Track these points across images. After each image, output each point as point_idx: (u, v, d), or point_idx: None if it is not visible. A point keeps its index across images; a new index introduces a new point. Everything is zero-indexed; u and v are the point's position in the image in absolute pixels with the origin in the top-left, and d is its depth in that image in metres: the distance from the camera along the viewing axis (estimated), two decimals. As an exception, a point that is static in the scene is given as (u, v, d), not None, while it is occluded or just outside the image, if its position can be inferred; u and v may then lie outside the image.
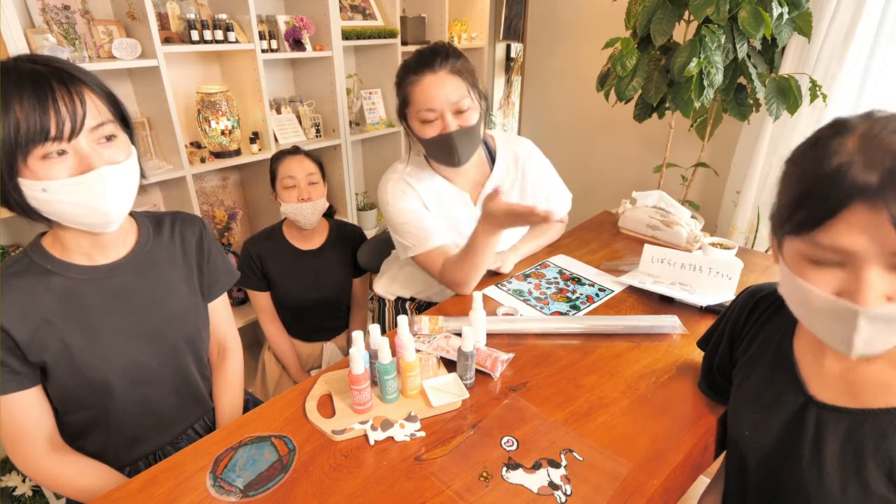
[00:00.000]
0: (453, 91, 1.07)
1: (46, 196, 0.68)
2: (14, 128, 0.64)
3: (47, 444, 0.80)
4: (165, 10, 1.71)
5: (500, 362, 0.90)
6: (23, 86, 0.65)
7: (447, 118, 1.08)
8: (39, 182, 0.67)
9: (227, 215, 2.13)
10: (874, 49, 1.69)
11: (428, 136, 1.10)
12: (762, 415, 0.68)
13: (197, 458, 0.74)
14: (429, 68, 1.07)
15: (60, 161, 0.68)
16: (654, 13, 1.68)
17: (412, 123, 1.13)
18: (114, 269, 0.81)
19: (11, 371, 0.74)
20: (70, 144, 0.67)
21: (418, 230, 1.16)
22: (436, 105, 1.07)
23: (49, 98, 0.65)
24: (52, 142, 0.66)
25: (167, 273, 0.88)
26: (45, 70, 0.67)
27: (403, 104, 1.13)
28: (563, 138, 2.85)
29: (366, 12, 2.36)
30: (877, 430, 0.58)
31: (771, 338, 0.72)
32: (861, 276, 0.50)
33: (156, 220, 0.91)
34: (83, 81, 0.69)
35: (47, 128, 0.65)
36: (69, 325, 0.76)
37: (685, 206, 1.40)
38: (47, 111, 0.65)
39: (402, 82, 1.12)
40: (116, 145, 0.73)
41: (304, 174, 1.46)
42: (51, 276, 0.76)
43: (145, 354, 0.84)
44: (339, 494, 0.69)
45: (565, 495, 0.68)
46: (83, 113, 0.68)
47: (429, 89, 1.07)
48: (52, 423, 0.81)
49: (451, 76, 1.08)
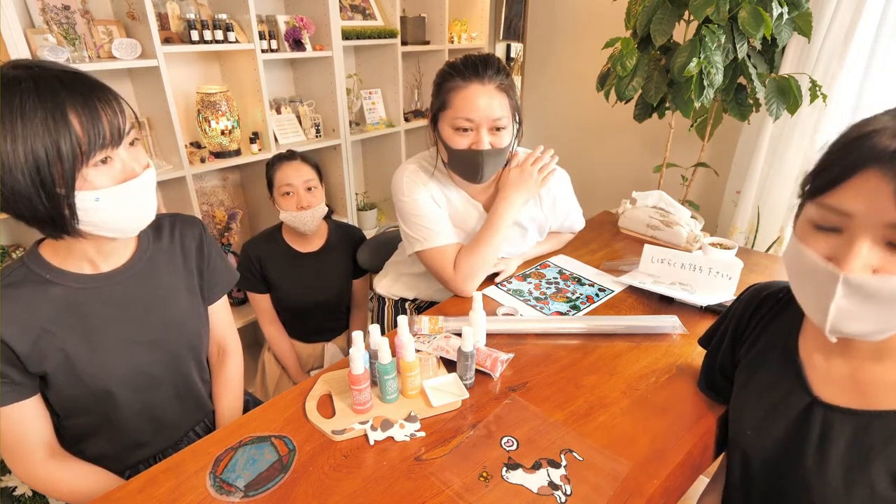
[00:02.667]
0: (497, 107, 1.04)
1: (98, 205, 0.67)
2: (75, 139, 0.63)
3: (45, 452, 0.79)
4: (165, 10, 1.71)
5: (500, 362, 0.90)
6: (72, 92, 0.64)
7: (482, 133, 1.05)
8: (93, 192, 0.67)
9: (227, 215, 2.13)
10: (874, 49, 1.69)
11: (457, 146, 1.07)
12: (766, 415, 0.68)
13: (197, 459, 0.74)
14: (478, 77, 1.03)
15: (108, 169, 0.68)
16: (654, 13, 1.68)
17: (443, 128, 1.09)
18: (113, 277, 0.80)
19: (11, 382, 0.73)
20: (115, 151, 0.68)
21: (429, 224, 1.15)
22: (475, 116, 1.03)
23: (98, 107, 0.65)
24: (108, 148, 0.67)
25: (167, 279, 0.87)
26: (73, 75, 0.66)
27: (440, 107, 1.08)
28: (563, 138, 2.85)
29: (366, 12, 2.36)
30: (885, 431, 0.57)
31: (776, 337, 0.71)
32: (853, 242, 0.51)
33: (155, 225, 0.89)
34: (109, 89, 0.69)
35: (104, 134, 0.66)
36: (69, 334, 0.76)
37: (685, 206, 1.40)
38: (100, 117, 0.65)
39: (445, 84, 1.07)
40: (140, 149, 0.74)
41: (302, 181, 1.45)
42: (49, 285, 0.75)
43: (147, 362, 0.84)
44: (339, 494, 0.69)
45: (565, 495, 0.68)
46: (122, 119, 0.68)
47: (473, 98, 1.03)
48: (50, 430, 0.81)
49: (498, 92, 1.04)
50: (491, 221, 1.16)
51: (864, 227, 0.50)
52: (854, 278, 0.50)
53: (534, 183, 1.19)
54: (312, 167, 1.50)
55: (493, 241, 1.15)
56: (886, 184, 0.48)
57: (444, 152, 1.12)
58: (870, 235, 0.50)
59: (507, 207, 1.16)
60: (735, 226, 2.10)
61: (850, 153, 0.51)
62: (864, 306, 0.51)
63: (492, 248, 1.15)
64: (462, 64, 1.05)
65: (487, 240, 1.14)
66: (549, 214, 1.28)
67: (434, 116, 1.11)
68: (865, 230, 0.50)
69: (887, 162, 0.48)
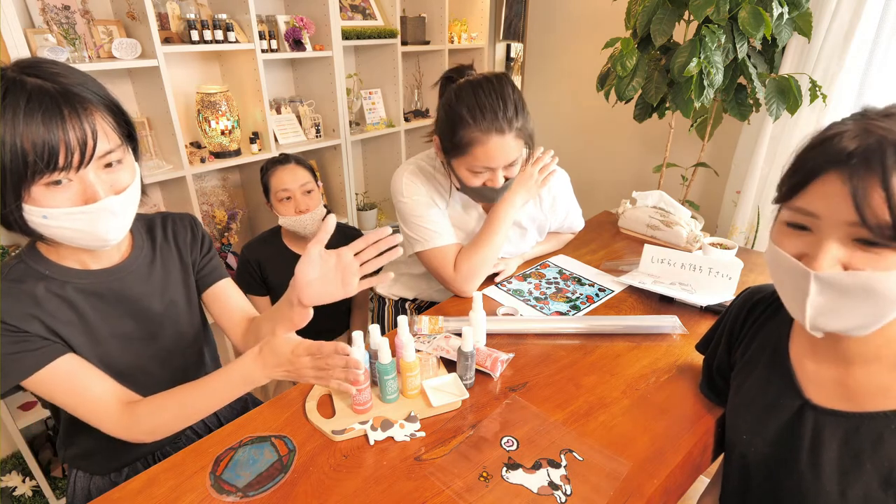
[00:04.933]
0: (513, 152, 1.03)
1: (47, 222, 0.66)
2: (21, 156, 0.60)
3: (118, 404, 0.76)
4: (165, 10, 1.71)
5: (500, 362, 0.90)
6: (31, 109, 0.60)
7: (498, 174, 1.05)
8: (40, 209, 0.64)
9: (227, 215, 2.13)
10: (874, 49, 1.69)
11: (472, 184, 1.07)
12: (760, 418, 0.68)
13: (197, 458, 0.74)
14: (497, 129, 0.99)
15: (64, 189, 0.65)
16: (654, 13, 1.68)
17: (457, 166, 1.06)
18: (111, 273, 0.80)
19: (34, 349, 0.71)
20: (77, 174, 0.65)
21: (429, 225, 1.15)
22: (494, 165, 1.03)
23: (59, 126, 0.61)
24: (59, 172, 0.63)
25: (164, 275, 0.87)
26: (53, 89, 0.62)
27: (455, 150, 1.04)
28: (563, 138, 2.85)
29: (366, 12, 2.36)
30: (873, 433, 0.58)
31: (768, 340, 0.72)
32: (821, 241, 0.53)
33: (147, 225, 0.89)
34: (92, 102, 0.65)
35: (56, 159, 0.61)
36: (70, 329, 0.76)
37: (685, 206, 1.40)
38: (57, 140, 0.61)
39: (462, 131, 1.01)
40: (122, 169, 0.70)
41: (299, 185, 1.43)
42: (48, 281, 0.75)
43: (145, 358, 0.84)
44: (339, 494, 0.69)
45: (565, 495, 0.68)
46: (93, 143, 0.64)
47: (494, 152, 1.01)
48: (108, 380, 0.77)
49: (516, 140, 1.02)
50: (491, 222, 1.16)
51: (829, 226, 0.52)
52: (824, 275, 0.52)
53: (534, 184, 1.19)
54: (307, 169, 1.49)
55: (493, 241, 1.15)
56: (843, 184, 0.50)
57: (456, 181, 1.11)
58: (836, 234, 0.52)
59: (508, 208, 1.16)
60: (735, 226, 2.10)
61: (814, 157, 0.53)
62: (840, 302, 0.53)
63: (492, 249, 1.15)
64: (479, 109, 0.99)
65: (488, 240, 1.15)
66: (548, 214, 1.28)
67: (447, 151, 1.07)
68: (832, 229, 0.52)
69: (844, 164, 0.50)
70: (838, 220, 0.51)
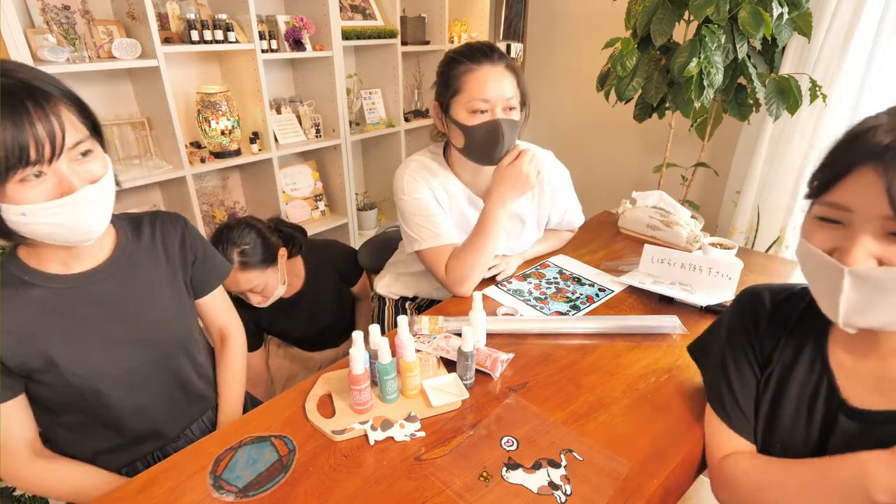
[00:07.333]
0: (508, 87, 1.06)
1: (26, 220, 0.65)
2: None
3: (29, 453, 0.78)
4: (165, 10, 1.71)
5: (500, 362, 0.90)
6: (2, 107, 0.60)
7: (497, 112, 1.07)
8: (17, 206, 0.64)
9: (227, 215, 2.13)
10: (874, 49, 1.69)
11: (473, 124, 1.08)
12: (794, 422, 0.66)
13: (197, 458, 0.74)
14: (488, 59, 1.06)
15: (39, 183, 0.64)
16: (654, 13, 1.68)
17: (457, 113, 1.08)
18: (93, 276, 0.79)
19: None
20: (50, 167, 0.65)
21: (430, 224, 1.15)
22: (490, 96, 1.05)
23: (25, 120, 0.61)
24: (31, 166, 0.62)
25: (150, 277, 0.86)
26: (14, 86, 0.62)
27: (451, 93, 1.08)
28: (563, 138, 2.85)
29: (366, 12, 2.37)
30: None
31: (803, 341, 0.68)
32: (854, 235, 0.52)
33: (134, 223, 0.88)
34: (55, 95, 0.65)
35: (27, 153, 0.61)
36: (53, 336, 0.75)
37: (685, 206, 1.40)
38: (25, 134, 0.61)
39: (453, 71, 1.08)
40: (94, 160, 0.70)
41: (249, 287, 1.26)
42: (29, 287, 0.74)
43: (135, 361, 0.83)
44: (339, 494, 0.69)
45: (565, 495, 0.68)
46: (62, 134, 0.64)
47: (487, 79, 1.05)
48: (33, 431, 0.79)
49: (507, 72, 1.07)
50: (482, 222, 1.13)
51: (863, 220, 0.51)
52: (859, 270, 0.51)
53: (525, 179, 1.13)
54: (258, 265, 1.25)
55: (484, 243, 1.12)
56: (878, 178, 0.49)
57: (458, 138, 1.11)
58: (870, 228, 0.51)
59: (498, 208, 1.13)
60: (735, 226, 2.10)
61: (848, 151, 0.53)
62: (874, 297, 0.52)
63: (483, 251, 1.12)
64: (468, 50, 1.07)
65: (479, 243, 1.12)
66: (548, 206, 1.27)
67: (445, 104, 1.11)
68: (865, 223, 0.51)
69: (879, 157, 0.49)
70: (872, 214, 0.50)
